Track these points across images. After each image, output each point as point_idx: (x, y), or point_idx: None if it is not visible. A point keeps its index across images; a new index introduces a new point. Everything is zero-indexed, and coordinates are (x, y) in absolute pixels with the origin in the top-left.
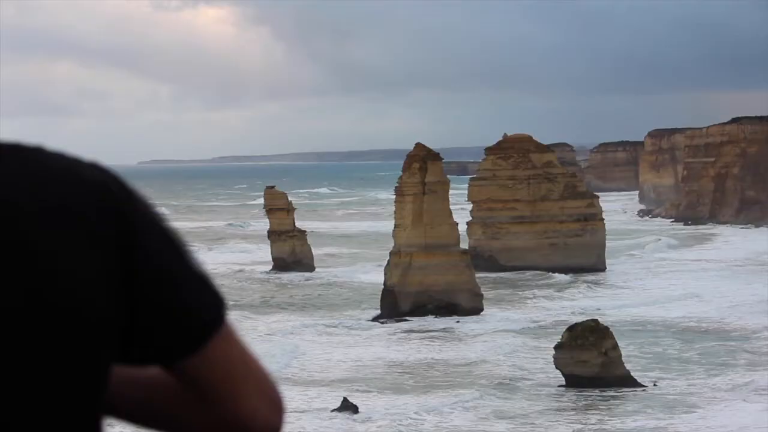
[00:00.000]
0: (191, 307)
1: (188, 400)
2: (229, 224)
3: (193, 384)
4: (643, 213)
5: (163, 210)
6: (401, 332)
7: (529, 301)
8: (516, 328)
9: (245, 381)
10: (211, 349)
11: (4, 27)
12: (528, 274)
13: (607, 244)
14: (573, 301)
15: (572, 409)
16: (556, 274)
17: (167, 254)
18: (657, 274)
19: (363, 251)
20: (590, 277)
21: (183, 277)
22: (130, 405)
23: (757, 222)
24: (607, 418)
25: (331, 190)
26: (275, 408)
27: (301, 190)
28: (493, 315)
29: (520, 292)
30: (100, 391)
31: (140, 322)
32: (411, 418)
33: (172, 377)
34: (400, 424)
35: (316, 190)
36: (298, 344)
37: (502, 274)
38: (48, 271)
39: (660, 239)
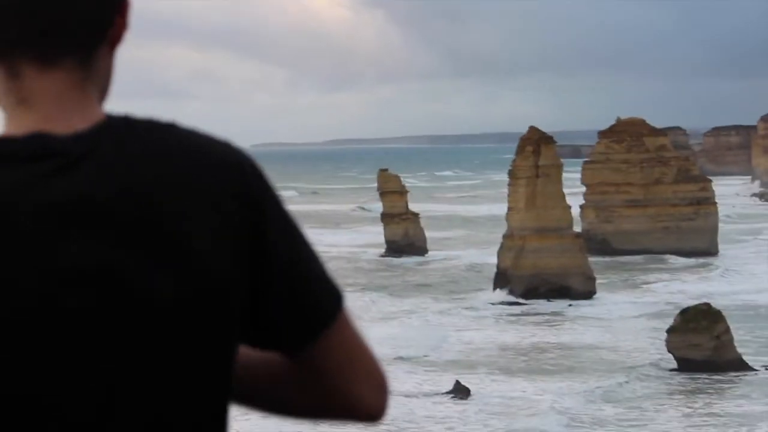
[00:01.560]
0: (315, 297)
1: (298, 381)
2: (359, 207)
3: (307, 368)
4: (756, 197)
5: (288, 193)
6: (514, 315)
7: (641, 285)
8: (628, 311)
9: (356, 366)
10: (329, 337)
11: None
12: (640, 257)
13: (720, 227)
14: (685, 285)
15: (681, 393)
16: (669, 258)
17: (294, 244)
18: None
19: (476, 234)
20: (703, 260)
21: (307, 267)
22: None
23: None
24: (716, 401)
25: (455, 173)
26: (381, 391)
27: (422, 173)
28: (605, 298)
29: (632, 276)
30: (231, 372)
31: (266, 309)
32: (522, 400)
33: (285, 359)
34: (512, 407)
35: (440, 173)
36: (409, 327)
37: (614, 258)
38: (184, 252)
39: None
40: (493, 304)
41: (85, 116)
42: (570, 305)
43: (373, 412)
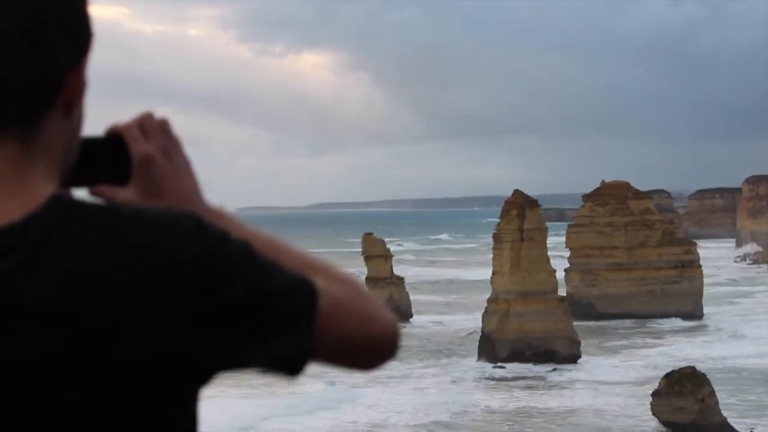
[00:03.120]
0: (285, 319)
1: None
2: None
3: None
4: (740, 259)
5: None
6: (499, 379)
7: (626, 349)
8: (613, 375)
9: (359, 318)
10: (321, 330)
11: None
12: (625, 321)
13: (705, 291)
14: (670, 348)
15: None
16: (654, 321)
17: (253, 281)
18: (754, 321)
19: (461, 298)
20: (688, 323)
21: (268, 304)
22: None
23: None
24: None
25: (452, 236)
26: (387, 328)
27: (415, 237)
28: (590, 362)
29: (617, 340)
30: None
31: (245, 359)
32: None
33: None
34: None
35: (435, 236)
36: (394, 392)
37: (599, 322)
38: (102, 353)
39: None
40: (477, 368)
41: (24, 200)
42: (555, 369)
43: (391, 330)
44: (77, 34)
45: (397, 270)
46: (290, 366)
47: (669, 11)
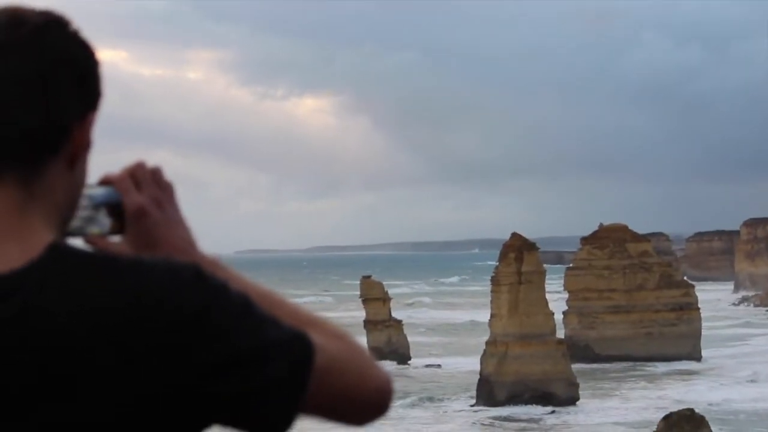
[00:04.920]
0: (274, 380)
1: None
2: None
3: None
4: (738, 302)
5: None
6: (497, 421)
7: (624, 391)
8: (612, 418)
9: (356, 376)
10: (315, 386)
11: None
12: (623, 363)
13: (703, 333)
14: (669, 391)
15: None
16: (652, 364)
17: (250, 334)
18: (753, 364)
19: (459, 340)
20: (686, 366)
21: (260, 357)
22: None
23: None
24: None
25: (462, 279)
26: (382, 389)
27: (421, 279)
28: (589, 405)
29: (615, 382)
30: None
31: (235, 413)
32: None
33: None
34: None
35: (444, 279)
36: None
37: (598, 364)
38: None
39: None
40: (476, 410)
41: (24, 246)
42: (553, 412)
43: (385, 390)
44: (86, 89)
45: (415, 313)
46: (282, 420)
47: (670, 54)
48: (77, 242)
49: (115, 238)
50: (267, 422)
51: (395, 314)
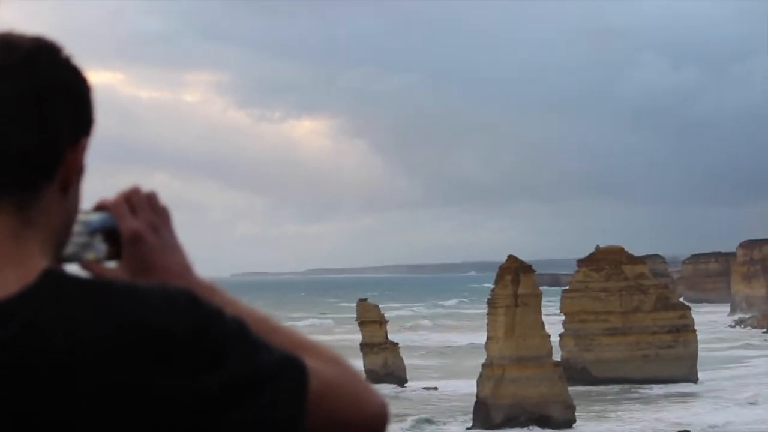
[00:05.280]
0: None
1: None
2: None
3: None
4: (735, 324)
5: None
6: None
7: (621, 413)
8: None
9: (349, 400)
10: (310, 411)
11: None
12: (620, 386)
13: (700, 355)
14: (665, 413)
15: None
16: (649, 386)
17: (245, 359)
18: (750, 386)
19: (457, 363)
20: (683, 388)
21: (263, 373)
22: None
23: None
24: None
25: (462, 302)
26: (378, 404)
27: (419, 302)
28: (585, 427)
29: (612, 404)
30: None
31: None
32: None
33: None
34: None
35: (442, 302)
36: None
37: (594, 387)
38: None
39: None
40: None
41: (19, 272)
42: None
43: (381, 413)
44: (79, 114)
45: (415, 337)
46: None
47: (668, 76)
48: (73, 268)
49: (112, 264)
50: None
51: (395, 337)
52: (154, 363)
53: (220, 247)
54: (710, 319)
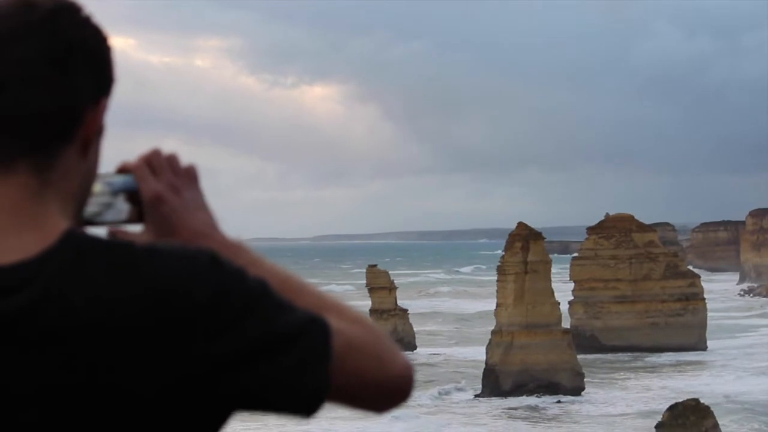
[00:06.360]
0: (299, 366)
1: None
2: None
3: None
4: (744, 292)
5: None
6: (503, 411)
7: (630, 381)
8: (616, 407)
9: (370, 371)
10: (334, 370)
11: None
12: (629, 353)
13: (709, 323)
14: (674, 381)
15: None
16: (657, 354)
17: (267, 320)
18: (759, 354)
19: (465, 329)
20: (691, 356)
21: (285, 333)
22: None
23: None
24: None
25: (477, 267)
26: (403, 363)
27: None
28: (594, 395)
29: (621, 372)
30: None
31: (262, 395)
32: None
33: None
34: None
35: (459, 269)
36: (396, 425)
37: (603, 354)
38: (111, 392)
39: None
40: (481, 400)
41: (39, 234)
42: (558, 401)
43: (407, 375)
44: (99, 73)
45: (436, 303)
46: (305, 406)
47: (681, 45)
48: (93, 229)
49: (135, 227)
50: (291, 407)
51: (413, 303)
52: (175, 324)
53: (230, 212)
54: (720, 288)
